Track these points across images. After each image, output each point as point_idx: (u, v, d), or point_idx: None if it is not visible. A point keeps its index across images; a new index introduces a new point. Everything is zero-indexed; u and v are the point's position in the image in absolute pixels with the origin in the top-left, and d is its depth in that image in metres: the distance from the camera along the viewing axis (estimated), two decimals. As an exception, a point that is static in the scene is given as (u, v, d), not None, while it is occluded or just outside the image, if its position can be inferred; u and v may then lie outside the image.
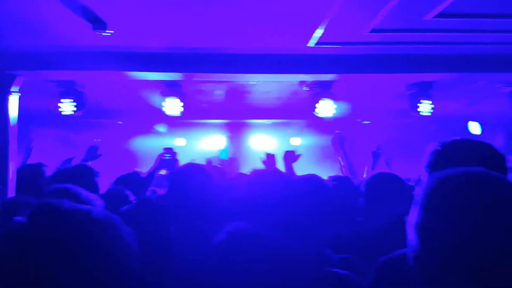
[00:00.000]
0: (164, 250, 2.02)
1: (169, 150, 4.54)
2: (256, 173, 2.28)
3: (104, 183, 3.36)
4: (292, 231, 1.91)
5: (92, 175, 2.97)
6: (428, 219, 0.92)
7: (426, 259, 0.92)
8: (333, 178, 3.91)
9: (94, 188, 2.76)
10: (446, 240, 0.88)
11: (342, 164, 4.79)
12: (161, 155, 4.63)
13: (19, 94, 5.22)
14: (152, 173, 4.53)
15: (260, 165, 4.25)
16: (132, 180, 4.00)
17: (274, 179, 2.20)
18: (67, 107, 6.02)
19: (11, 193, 4.57)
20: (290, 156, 3.98)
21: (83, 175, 2.91)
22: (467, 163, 1.23)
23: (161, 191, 4.35)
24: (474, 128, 8.45)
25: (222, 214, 2.12)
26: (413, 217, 0.96)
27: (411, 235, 0.96)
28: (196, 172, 2.36)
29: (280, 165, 4.19)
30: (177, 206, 2.26)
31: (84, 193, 1.99)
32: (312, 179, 2.58)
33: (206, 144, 9.81)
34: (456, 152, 1.47)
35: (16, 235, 1.00)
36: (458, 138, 1.56)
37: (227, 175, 4.24)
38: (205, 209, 2.20)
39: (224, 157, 6.57)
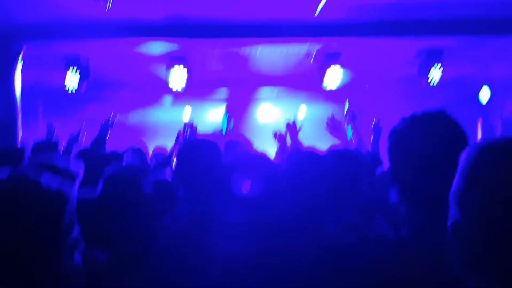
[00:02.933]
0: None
1: (189, 126, 4.01)
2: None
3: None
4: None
5: None
6: (469, 189, 0.91)
7: (464, 228, 0.91)
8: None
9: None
10: (486, 211, 0.87)
11: (352, 138, 4.76)
12: (181, 131, 4.46)
13: (22, 62, 5.23)
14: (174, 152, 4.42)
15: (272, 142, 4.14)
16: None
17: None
18: (72, 79, 5.98)
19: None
20: (293, 129, 3.89)
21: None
22: (430, 140, 1.27)
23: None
24: (485, 93, 8.30)
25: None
26: (454, 186, 0.95)
27: (452, 204, 0.95)
28: (207, 147, 2.25)
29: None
30: (186, 184, 2.20)
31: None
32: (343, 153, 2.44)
33: (211, 117, 9.78)
34: (418, 129, 1.42)
35: None
36: (417, 113, 1.50)
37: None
38: (215, 188, 2.14)
39: (225, 127, 6.47)
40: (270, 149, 3.10)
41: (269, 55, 6.60)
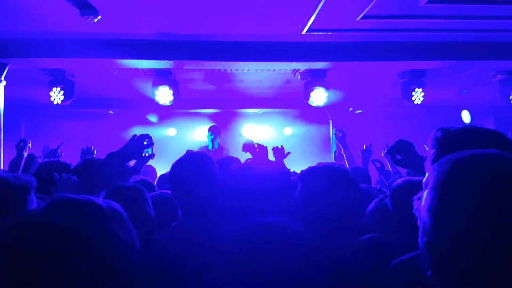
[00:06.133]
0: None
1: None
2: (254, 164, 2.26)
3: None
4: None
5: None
6: (442, 201, 0.90)
7: (438, 242, 0.90)
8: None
9: None
10: (460, 222, 0.87)
11: (344, 155, 4.89)
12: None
13: (5, 83, 5.17)
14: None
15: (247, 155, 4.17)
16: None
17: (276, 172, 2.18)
18: (56, 96, 5.93)
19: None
20: (279, 153, 3.92)
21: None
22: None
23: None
24: (465, 117, 8.48)
25: (230, 206, 2.05)
26: (426, 200, 0.94)
27: (424, 218, 0.94)
28: (201, 160, 2.25)
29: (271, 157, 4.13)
30: (180, 195, 2.20)
31: None
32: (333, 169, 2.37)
33: (197, 134, 9.77)
34: (462, 139, 1.45)
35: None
36: (459, 125, 1.54)
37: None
38: (211, 199, 2.13)
39: (210, 147, 6.50)
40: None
41: (255, 73, 6.65)
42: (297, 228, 1.47)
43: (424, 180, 0.99)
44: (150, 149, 3.00)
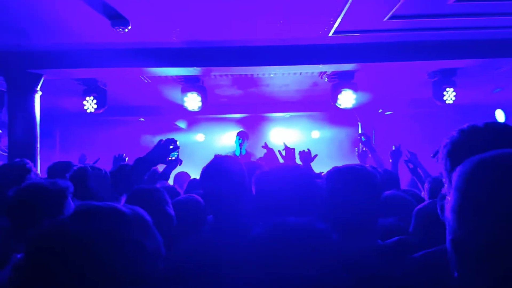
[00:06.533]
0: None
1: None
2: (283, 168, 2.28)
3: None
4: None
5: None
6: (466, 202, 0.92)
7: (463, 241, 0.92)
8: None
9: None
10: (484, 221, 0.88)
11: (372, 158, 4.87)
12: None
13: (40, 93, 5.36)
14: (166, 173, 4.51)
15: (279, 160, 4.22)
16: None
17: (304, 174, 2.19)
18: (90, 104, 6.12)
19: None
20: (306, 157, 3.94)
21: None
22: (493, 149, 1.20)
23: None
24: (500, 116, 8.26)
25: (258, 207, 2.08)
26: (450, 200, 0.96)
27: (449, 218, 0.96)
28: (230, 164, 2.28)
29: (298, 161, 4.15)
30: (211, 199, 2.23)
31: None
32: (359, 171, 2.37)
33: (225, 139, 9.86)
34: (482, 137, 1.43)
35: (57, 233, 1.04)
36: (479, 123, 1.51)
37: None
38: (241, 203, 2.17)
39: (237, 152, 6.54)
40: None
41: (282, 77, 6.67)
42: (319, 227, 1.47)
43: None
44: (176, 153, 3.05)
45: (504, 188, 0.88)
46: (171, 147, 2.81)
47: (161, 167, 4.39)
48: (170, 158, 3.00)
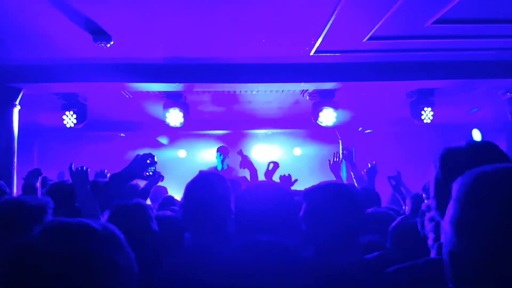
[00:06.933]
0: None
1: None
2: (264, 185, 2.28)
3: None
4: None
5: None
6: (465, 214, 0.93)
7: (462, 253, 0.93)
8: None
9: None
10: (483, 234, 0.89)
11: (352, 174, 4.90)
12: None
13: (19, 107, 5.27)
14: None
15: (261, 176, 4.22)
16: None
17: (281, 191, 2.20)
18: (69, 119, 6.04)
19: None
20: (287, 181, 3.95)
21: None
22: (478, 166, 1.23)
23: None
24: (476, 135, 8.44)
25: (239, 224, 2.07)
26: (449, 212, 0.97)
27: (447, 230, 0.97)
28: (216, 181, 2.27)
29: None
30: (193, 216, 2.19)
31: None
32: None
33: (206, 155, 9.83)
34: (468, 155, 1.47)
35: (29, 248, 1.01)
36: (464, 142, 1.56)
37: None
38: (225, 219, 2.16)
39: (219, 167, 6.56)
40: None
41: (264, 94, 6.72)
42: (288, 243, 1.48)
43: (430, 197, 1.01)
44: (153, 168, 3.05)
45: (505, 201, 0.89)
46: (148, 161, 2.80)
47: (142, 183, 4.35)
48: (147, 173, 2.98)
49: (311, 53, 4.86)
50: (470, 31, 4.34)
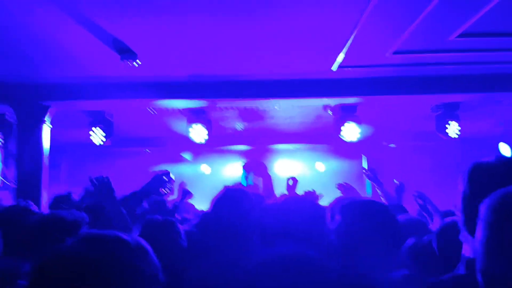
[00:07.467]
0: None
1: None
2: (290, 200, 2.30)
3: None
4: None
5: None
6: (494, 234, 0.94)
7: (493, 273, 0.94)
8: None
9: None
10: None
11: (379, 192, 4.86)
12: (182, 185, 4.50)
13: (51, 127, 5.41)
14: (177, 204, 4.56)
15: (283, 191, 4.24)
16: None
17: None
18: (96, 136, 6.17)
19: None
20: (312, 196, 3.96)
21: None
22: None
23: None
24: (505, 149, 8.25)
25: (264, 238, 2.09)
26: (478, 232, 0.98)
27: (478, 249, 0.98)
28: (242, 196, 2.32)
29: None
30: (219, 231, 2.23)
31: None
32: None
33: (230, 170, 9.88)
34: (497, 171, 1.45)
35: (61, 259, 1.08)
36: (493, 157, 1.54)
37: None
38: (248, 234, 2.18)
39: (244, 183, 6.58)
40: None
41: (286, 109, 6.74)
42: (311, 254, 1.49)
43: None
44: (169, 185, 3.08)
45: None
46: (165, 178, 2.86)
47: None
48: (164, 191, 3.03)
49: (334, 68, 4.87)
50: (494, 44, 4.30)
